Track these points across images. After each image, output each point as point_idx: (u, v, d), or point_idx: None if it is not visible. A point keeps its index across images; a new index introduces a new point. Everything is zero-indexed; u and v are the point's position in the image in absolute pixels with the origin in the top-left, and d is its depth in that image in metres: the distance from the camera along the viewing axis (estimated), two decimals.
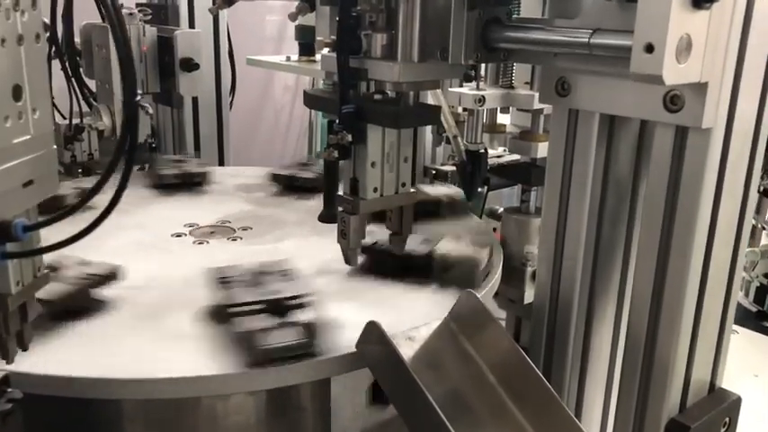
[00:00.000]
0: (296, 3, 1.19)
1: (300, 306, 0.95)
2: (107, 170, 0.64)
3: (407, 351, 0.97)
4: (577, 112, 1.00)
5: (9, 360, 0.77)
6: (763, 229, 2.25)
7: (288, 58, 2.31)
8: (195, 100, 2.12)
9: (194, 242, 1.38)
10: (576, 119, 1.00)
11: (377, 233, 1.18)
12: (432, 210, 1.48)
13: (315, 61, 2.22)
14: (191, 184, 1.74)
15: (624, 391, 1.02)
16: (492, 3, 0.95)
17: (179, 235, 1.42)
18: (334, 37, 0.98)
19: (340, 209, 1.04)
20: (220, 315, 0.97)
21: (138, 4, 2.00)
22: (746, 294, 2.33)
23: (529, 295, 1.40)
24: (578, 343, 1.08)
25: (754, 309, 2.30)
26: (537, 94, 1.25)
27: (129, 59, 0.67)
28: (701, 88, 0.82)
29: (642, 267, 0.97)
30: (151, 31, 1.87)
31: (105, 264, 1.08)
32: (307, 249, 1.29)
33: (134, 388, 0.89)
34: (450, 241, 1.21)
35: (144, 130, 1.92)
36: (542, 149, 1.29)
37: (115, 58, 1.81)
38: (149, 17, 1.88)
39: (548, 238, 1.09)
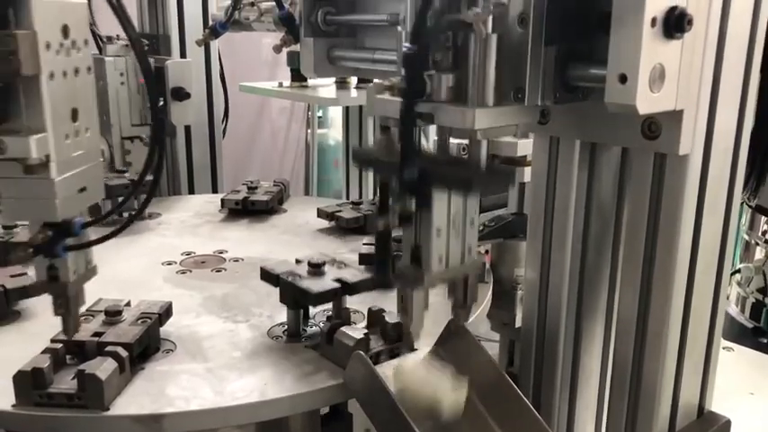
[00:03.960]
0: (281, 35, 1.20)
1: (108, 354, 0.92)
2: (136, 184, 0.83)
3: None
4: (558, 139, 1.01)
5: (69, 334, 0.93)
6: (757, 244, 2.25)
7: (280, 84, 2.34)
8: (188, 128, 2.14)
9: (177, 272, 1.40)
10: (558, 146, 1.01)
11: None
12: None
13: (306, 86, 2.25)
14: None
15: (613, 415, 1.02)
16: (571, 37, 0.84)
17: (170, 263, 1.44)
18: (394, 78, 0.85)
19: (400, 280, 0.93)
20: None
21: None
22: (742, 310, 2.33)
23: (520, 318, 1.40)
24: (567, 366, 1.09)
25: (750, 325, 2.29)
26: (519, 142, 1.26)
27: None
28: (676, 115, 0.83)
29: (626, 291, 0.98)
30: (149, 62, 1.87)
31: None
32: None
33: None
34: None
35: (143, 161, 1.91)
36: (528, 174, 1.30)
37: (114, 90, 1.83)
38: (147, 48, 1.90)
39: (533, 262, 1.09)
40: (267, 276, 1.11)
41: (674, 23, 0.73)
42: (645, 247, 0.94)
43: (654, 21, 0.72)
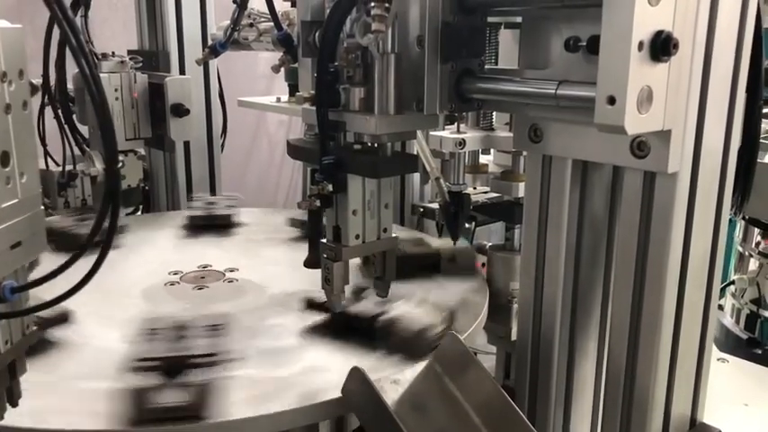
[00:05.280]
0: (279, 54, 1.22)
1: (207, 365, 0.96)
2: (90, 235, 0.67)
3: (392, 395, 0.99)
4: (551, 158, 1.03)
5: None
6: (750, 256, 2.27)
7: (278, 99, 2.36)
8: (187, 144, 2.16)
9: (174, 286, 1.42)
10: (550, 163, 1.03)
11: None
12: (431, 263, 1.42)
13: None
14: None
15: (607, 427, 1.04)
16: (464, 55, 0.98)
17: (171, 281, 1.45)
18: (313, 91, 1.01)
19: (324, 255, 1.06)
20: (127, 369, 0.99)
21: (129, 51, 2.04)
22: (737, 322, 2.35)
23: (516, 331, 1.42)
24: (561, 379, 1.10)
25: (744, 336, 2.31)
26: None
27: (109, 129, 0.71)
28: (665, 135, 0.85)
29: (618, 305, 1.00)
30: (142, 78, 1.92)
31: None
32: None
33: None
34: (409, 303, 1.16)
35: (137, 175, 1.96)
36: (524, 189, 1.32)
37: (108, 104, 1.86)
38: (140, 64, 1.94)
39: (527, 276, 1.11)
40: None
41: (661, 47, 0.76)
42: (636, 262, 0.96)
43: (641, 44, 0.75)
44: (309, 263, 1.11)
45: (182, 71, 2.12)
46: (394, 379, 1.01)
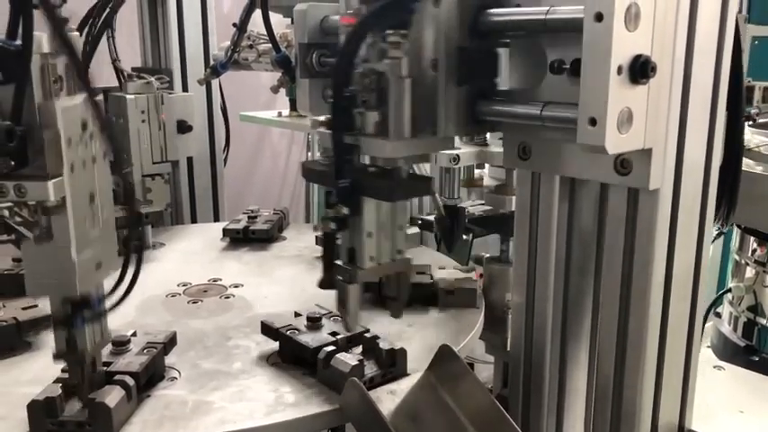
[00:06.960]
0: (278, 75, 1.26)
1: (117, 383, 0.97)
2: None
3: (389, 405, 1.02)
4: (539, 174, 1.06)
5: (84, 400, 0.95)
6: (747, 264, 2.30)
7: (279, 114, 2.40)
8: (190, 159, 2.20)
9: (180, 301, 1.45)
10: (539, 180, 1.07)
11: None
12: (427, 296, 1.38)
13: (305, 116, 2.31)
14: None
15: None
16: (478, 77, 0.97)
17: (173, 292, 1.49)
18: (328, 116, 0.99)
19: (339, 277, 1.04)
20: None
21: (133, 69, 2.08)
22: (735, 329, 2.37)
23: None
24: (554, 388, 1.13)
25: (742, 344, 2.33)
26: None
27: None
28: (646, 153, 0.88)
29: (606, 316, 1.03)
30: (169, 99, 1.84)
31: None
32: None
33: None
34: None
35: (163, 199, 1.87)
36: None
37: (135, 128, 1.76)
38: (166, 85, 1.90)
39: (519, 287, 1.15)
40: (267, 330, 1.18)
41: (639, 70, 0.79)
42: (622, 275, 0.99)
43: (620, 69, 0.78)
44: (323, 284, 1.08)
45: (184, 88, 2.16)
46: (390, 389, 1.04)
